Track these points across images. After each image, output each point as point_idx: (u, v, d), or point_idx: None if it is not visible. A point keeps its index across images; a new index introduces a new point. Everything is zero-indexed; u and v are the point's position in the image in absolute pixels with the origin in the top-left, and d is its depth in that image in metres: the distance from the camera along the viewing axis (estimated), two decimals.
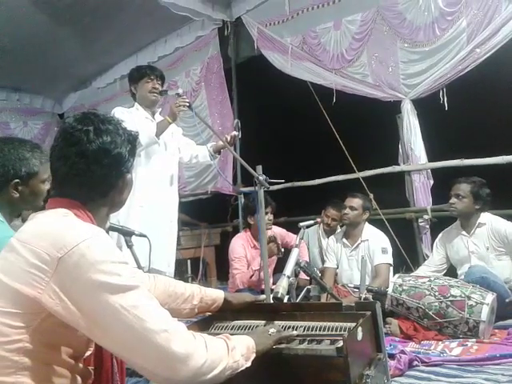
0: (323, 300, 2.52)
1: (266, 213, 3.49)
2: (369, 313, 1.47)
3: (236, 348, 1.14)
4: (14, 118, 7.25)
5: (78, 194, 1.15)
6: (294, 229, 3.86)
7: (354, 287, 2.86)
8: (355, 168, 4.15)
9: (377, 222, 3.71)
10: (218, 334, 1.23)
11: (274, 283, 2.49)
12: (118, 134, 1.20)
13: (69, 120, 1.19)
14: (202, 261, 4.55)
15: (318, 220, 2.79)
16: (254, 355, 1.20)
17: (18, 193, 1.68)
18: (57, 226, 1.07)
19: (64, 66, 6.00)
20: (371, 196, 3.92)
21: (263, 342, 1.26)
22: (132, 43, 5.79)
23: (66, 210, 1.12)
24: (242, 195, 5.01)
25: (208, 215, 5.17)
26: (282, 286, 1.74)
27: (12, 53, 5.36)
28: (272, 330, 1.31)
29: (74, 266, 0.99)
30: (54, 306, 1.00)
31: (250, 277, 3.39)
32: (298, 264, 1.87)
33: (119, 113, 2.86)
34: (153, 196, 2.94)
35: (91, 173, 1.14)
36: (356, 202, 3.48)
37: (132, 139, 1.25)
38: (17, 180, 1.67)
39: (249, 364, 1.17)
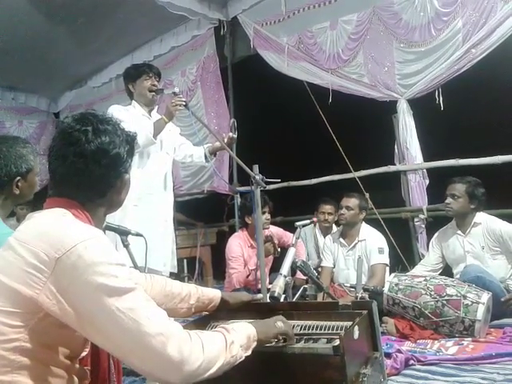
0: (320, 299, 2.53)
1: (264, 212, 3.51)
2: (365, 312, 1.47)
3: (235, 342, 1.14)
4: (9, 116, 7.23)
5: (76, 194, 1.15)
6: (290, 228, 3.87)
7: (351, 286, 2.87)
8: (351, 167, 4.16)
9: (373, 222, 3.72)
10: None
11: (270, 283, 2.50)
12: (117, 134, 1.20)
13: (67, 120, 1.19)
14: (199, 260, 4.56)
15: (315, 219, 2.79)
16: (255, 344, 1.20)
17: (19, 189, 1.74)
18: (55, 227, 1.07)
19: (59, 65, 5.99)
20: (367, 195, 3.94)
21: (265, 330, 1.26)
22: (128, 42, 5.77)
23: (64, 210, 1.12)
24: (239, 195, 5.01)
25: (204, 215, 5.17)
26: (279, 285, 1.75)
27: (7, 52, 5.33)
28: (279, 324, 1.31)
29: (72, 267, 1.00)
30: (51, 306, 1.00)
31: (247, 276, 3.40)
32: (294, 263, 1.87)
33: (116, 111, 2.85)
34: (147, 195, 2.93)
35: (89, 173, 1.14)
36: (352, 201, 3.47)
37: (130, 140, 1.25)
38: (19, 177, 1.73)
39: (249, 353, 1.17)
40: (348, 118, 4.24)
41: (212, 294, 1.60)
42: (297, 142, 4.96)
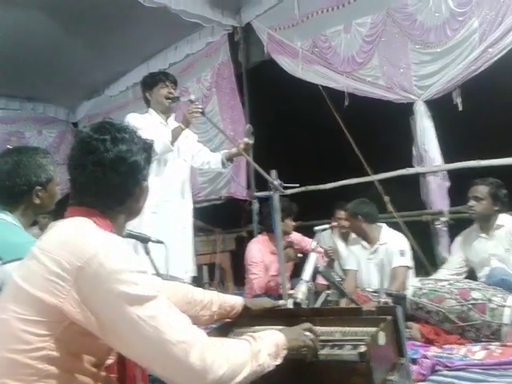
0: (343, 305, 2.50)
1: (290, 219, 3.52)
2: (390, 317, 1.46)
3: (262, 350, 1.12)
4: (28, 127, 7.34)
5: (95, 203, 1.16)
6: (307, 233, 3.84)
7: (373, 291, 2.83)
8: (369, 171, 4.12)
9: (393, 225, 3.66)
10: None
11: (291, 288, 2.48)
12: (134, 142, 1.21)
13: (86, 129, 1.21)
14: (218, 266, 4.55)
15: (334, 224, 2.76)
16: (284, 352, 1.18)
17: (39, 199, 1.75)
18: (76, 235, 1.07)
19: (76, 75, 6.06)
20: (387, 199, 3.89)
21: (295, 337, 1.24)
22: (143, 51, 5.84)
23: (85, 219, 1.13)
24: (257, 200, 4.98)
25: (222, 221, 5.16)
26: (301, 290, 1.73)
27: (25, 63, 5.43)
28: (308, 334, 1.29)
29: (93, 276, 1.00)
30: (76, 314, 1.00)
31: (268, 282, 3.37)
32: (316, 269, 1.85)
33: (133, 119, 2.88)
34: (165, 202, 2.94)
35: (108, 181, 1.15)
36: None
37: (147, 147, 1.27)
38: (38, 187, 1.74)
39: (278, 362, 1.16)
40: (364, 120, 4.20)
41: (234, 301, 1.59)
42: (313, 146, 4.92)
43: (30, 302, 1.01)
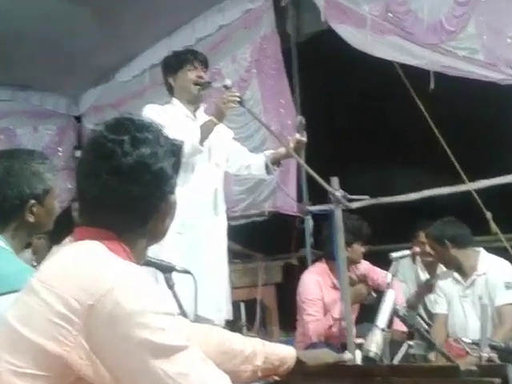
0: (431, 361, 2.45)
1: (359, 243, 3.54)
2: (497, 380, 1.43)
3: None
4: (21, 122, 7.51)
5: (111, 222, 1.19)
6: (378, 261, 3.79)
7: (472, 342, 2.76)
8: (465, 177, 4.04)
9: (497, 252, 3.58)
10: None
11: (358, 337, 2.46)
12: (159, 144, 1.23)
13: (99, 128, 1.24)
14: (260, 304, 4.55)
15: (416, 249, 2.71)
16: None
17: (34, 216, 1.78)
18: (87, 265, 1.10)
19: (81, 56, 6.21)
20: (489, 215, 3.80)
21: None
22: (164, 24, 5.93)
23: (96, 243, 1.16)
24: (310, 216, 4.97)
25: (265, 243, 5.19)
26: (376, 341, 1.70)
27: (16, 42, 5.59)
28: None
29: (108, 318, 1.02)
30: (84, 367, 1.02)
31: (329, 327, 3.35)
32: (395, 312, 1.83)
33: (153, 113, 2.94)
34: (193, 220, 2.98)
35: (127, 193, 1.17)
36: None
37: (176, 150, 1.29)
38: (33, 200, 1.77)
39: None
40: (456, 109, 4.14)
41: (284, 353, 1.59)
42: (385, 144, 4.89)
43: (29, 352, 1.04)
